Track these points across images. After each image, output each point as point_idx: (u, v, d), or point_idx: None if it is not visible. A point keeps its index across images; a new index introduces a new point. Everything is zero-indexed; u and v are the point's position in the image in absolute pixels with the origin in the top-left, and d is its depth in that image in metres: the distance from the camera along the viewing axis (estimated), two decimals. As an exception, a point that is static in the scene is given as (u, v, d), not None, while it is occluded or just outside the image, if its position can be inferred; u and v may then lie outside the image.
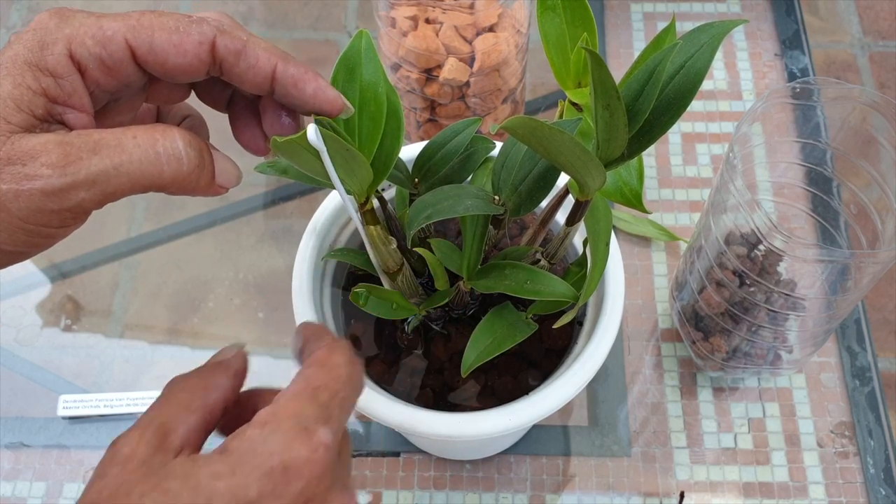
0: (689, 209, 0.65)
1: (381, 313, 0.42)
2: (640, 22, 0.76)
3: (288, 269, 0.63)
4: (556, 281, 0.38)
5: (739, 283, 0.49)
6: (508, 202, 0.40)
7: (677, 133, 0.69)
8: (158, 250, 0.65)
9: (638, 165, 0.60)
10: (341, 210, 0.47)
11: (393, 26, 0.57)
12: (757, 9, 0.76)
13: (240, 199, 0.67)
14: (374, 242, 0.40)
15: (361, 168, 0.34)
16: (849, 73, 0.72)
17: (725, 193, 0.45)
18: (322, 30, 0.77)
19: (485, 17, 0.55)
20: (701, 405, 0.57)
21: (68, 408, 0.58)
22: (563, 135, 0.30)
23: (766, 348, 0.52)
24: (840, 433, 0.56)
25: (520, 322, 0.41)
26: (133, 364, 0.60)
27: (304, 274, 0.44)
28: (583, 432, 0.56)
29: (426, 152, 0.43)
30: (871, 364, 0.58)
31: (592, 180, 0.33)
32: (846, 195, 0.50)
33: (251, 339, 0.61)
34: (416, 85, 0.58)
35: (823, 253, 0.41)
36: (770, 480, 0.54)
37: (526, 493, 0.54)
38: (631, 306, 0.61)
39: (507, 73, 0.59)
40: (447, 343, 0.45)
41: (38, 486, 0.56)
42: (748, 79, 0.72)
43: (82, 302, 0.63)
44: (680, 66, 0.32)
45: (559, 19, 0.45)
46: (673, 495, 0.54)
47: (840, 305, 0.47)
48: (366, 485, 0.55)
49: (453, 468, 0.55)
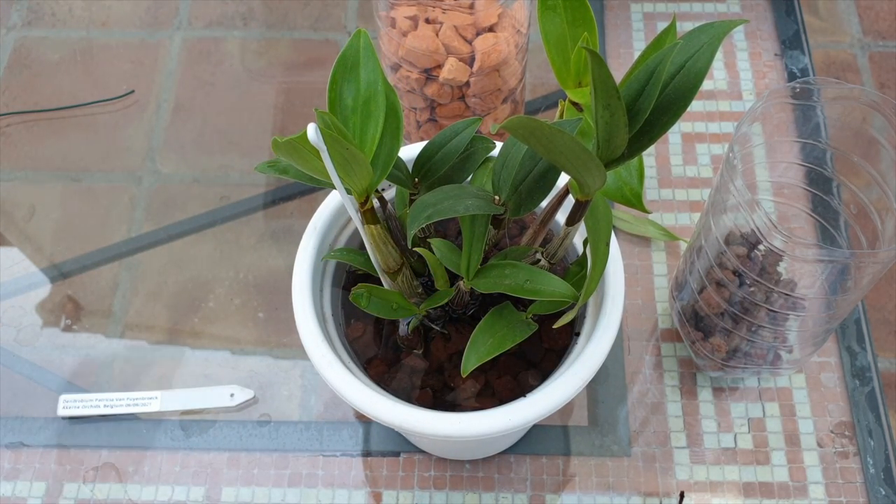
0: (689, 209, 0.65)
1: (381, 313, 0.42)
2: (640, 22, 0.76)
3: (288, 269, 0.64)
4: (557, 281, 0.38)
5: (739, 283, 0.49)
6: (508, 202, 0.40)
7: (677, 133, 0.69)
8: (158, 250, 0.65)
9: (638, 165, 0.60)
10: (341, 210, 0.47)
11: (393, 26, 0.57)
12: (757, 9, 0.76)
13: (240, 199, 0.67)
14: (374, 242, 0.40)
15: (361, 167, 0.34)
16: (849, 73, 0.72)
17: (725, 193, 0.45)
18: (322, 30, 0.77)
19: (485, 17, 0.55)
20: (701, 405, 0.57)
21: (68, 407, 0.58)
22: (564, 134, 0.30)
23: (766, 348, 0.52)
24: (840, 433, 0.56)
25: (520, 322, 0.41)
26: (133, 364, 0.60)
27: (304, 274, 0.44)
28: (583, 432, 0.56)
29: (426, 152, 0.43)
30: (871, 364, 0.58)
31: (593, 180, 0.33)
32: (846, 195, 0.50)
33: (251, 339, 0.61)
34: (416, 85, 0.58)
35: (823, 253, 0.41)
36: (770, 480, 0.54)
37: (526, 493, 0.54)
38: (631, 306, 0.61)
39: (507, 73, 0.59)
40: (447, 343, 0.45)
41: (38, 486, 0.56)
42: (748, 79, 0.72)
43: (82, 302, 0.63)
44: (680, 66, 0.32)
45: (560, 19, 0.45)
46: (673, 495, 0.54)
47: (840, 305, 0.47)
48: (366, 485, 0.55)
49: (453, 468, 0.55)
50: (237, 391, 0.58)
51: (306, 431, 0.57)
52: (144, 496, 0.55)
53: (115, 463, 0.56)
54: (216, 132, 0.71)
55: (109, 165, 0.70)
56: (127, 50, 0.76)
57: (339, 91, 0.38)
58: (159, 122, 0.72)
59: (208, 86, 0.73)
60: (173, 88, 0.73)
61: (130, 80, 0.74)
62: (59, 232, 0.67)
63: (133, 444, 0.57)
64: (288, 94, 0.73)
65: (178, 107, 0.72)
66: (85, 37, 0.77)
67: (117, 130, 0.71)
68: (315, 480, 0.55)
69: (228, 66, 0.75)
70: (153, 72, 0.75)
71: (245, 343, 0.61)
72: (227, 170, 0.69)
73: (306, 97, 0.73)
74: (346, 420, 0.58)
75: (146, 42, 0.77)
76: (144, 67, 0.75)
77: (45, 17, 0.79)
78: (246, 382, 0.59)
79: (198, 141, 0.70)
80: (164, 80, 0.74)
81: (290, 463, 0.56)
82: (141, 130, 0.71)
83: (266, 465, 0.56)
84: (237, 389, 0.58)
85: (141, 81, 0.74)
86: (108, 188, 0.69)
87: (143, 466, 0.56)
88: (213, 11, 0.78)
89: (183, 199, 0.68)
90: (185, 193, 0.68)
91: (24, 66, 0.75)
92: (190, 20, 0.78)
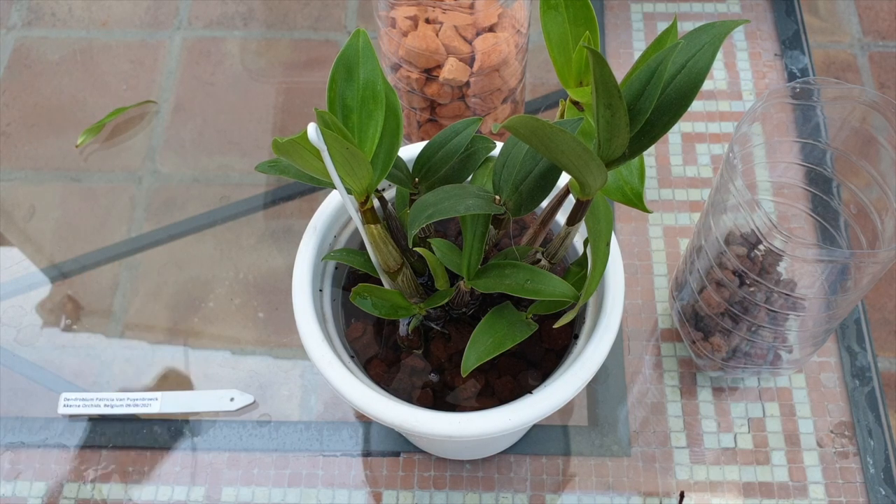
0: (689, 209, 0.65)
1: (381, 313, 0.42)
2: (640, 22, 0.76)
3: (288, 269, 0.64)
4: (557, 281, 0.38)
5: (739, 283, 0.49)
6: (509, 202, 0.40)
7: (677, 133, 0.69)
8: (158, 250, 0.65)
9: (639, 165, 0.60)
10: (341, 210, 0.47)
11: (393, 26, 0.57)
12: (757, 9, 0.76)
13: (240, 199, 0.67)
14: (375, 242, 0.40)
15: (361, 167, 0.34)
16: (849, 73, 0.72)
17: (725, 193, 0.45)
18: (322, 30, 0.77)
19: (485, 17, 0.55)
20: (701, 405, 0.57)
21: (69, 406, 0.58)
22: (565, 134, 0.30)
23: (765, 348, 0.52)
24: (840, 433, 0.56)
25: (520, 322, 0.41)
26: (133, 364, 0.60)
27: (304, 274, 0.44)
28: (583, 432, 0.56)
29: (426, 152, 0.43)
30: (871, 364, 0.58)
31: (594, 180, 0.33)
32: (846, 195, 0.50)
33: (251, 339, 0.61)
34: (416, 85, 0.58)
35: (823, 253, 0.41)
36: (770, 480, 0.54)
37: (526, 493, 0.54)
38: (631, 306, 0.61)
39: (507, 73, 0.59)
40: (447, 343, 0.45)
41: (38, 486, 0.56)
42: (748, 79, 0.72)
43: (82, 302, 0.63)
44: (681, 66, 0.32)
45: (561, 18, 0.45)
46: (673, 495, 0.54)
47: (840, 305, 0.47)
48: (366, 485, 0.55)
49: (453, 468, 0.55)
50: (237, 395, 0.58)
51: (306, 431, 0.57)
52: (144, 496, 0.55)
53: (115, 463, 0.56)
54: (216, 132, 0.71)
55: (109, 165, 0.70)
56: (127, 50, 0.76)
57: (339, 91, 0.38)
58: (159, 122, 0.72)
59: (208, 86, 0.73)
60: (173, 88, 0.73)
61: (130, 80, 0.74)
62: (59, 232, 0.67)
63: (133, 444, 0.57)
64: (288, 94, 0.73)
65: (178, 107, 0.72)
66: (85, 37, 0.77)
67: (118, 130, 0.71)
68: (315, 480, 0.55)
69: (228, 66, 0.75)
70: (153, 72, 0.75)
71: (245, 343, 0.61)
72: (227, 170, 0.69)
73: (306, 97, 0.73)
74: (346, 420, 0.58)
75: (146, 42, 0.77)
76: (144, 67, 0.75)
77: (45, 17, 0.79)
78: (246, 382, 0.59)
79: (198, 141, 0.70)
80: (164, 80, 0.74)
81: (290, 463, 0.56)
82: (141, 130, 0.71)
83: (266, 465, 0.56)
84: (237, 393, 0.58)
85: (141, 81, 0.74)
86: (108, 188, 0.69)
87: (143, 466, 0.56)
88: (213, 11, 0.78)
89: (183, 199, 0.68)
90: (185, 193, 0.68)
91: (24, 66, 0.75)
92: (190, 20, 0.78)
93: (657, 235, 0.64)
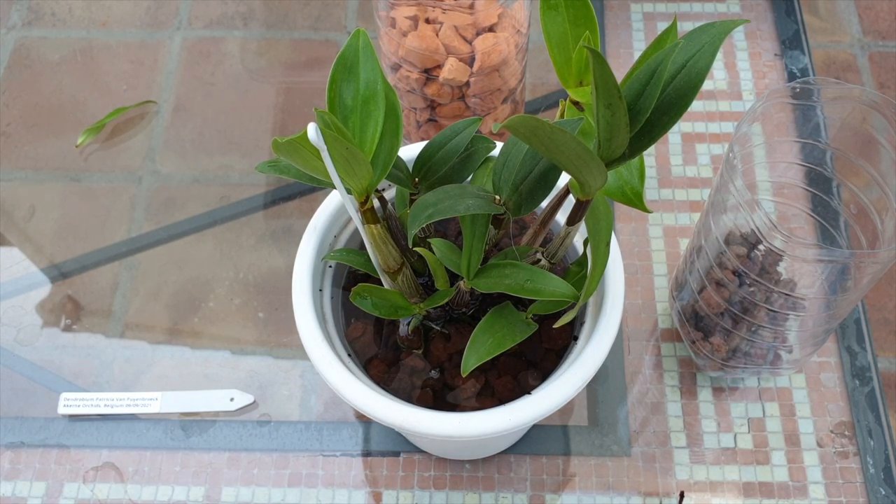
0: (689, 209, 0.65)
1: (381, 313, 0.42)
2: (640, 22, 0.76)
3: (288, 269, 0.64)
4: (557, 281, 0.38)
5: (739, 283, 0.49)
6: (509, 202, 0.40)
7: (677, 133, 0.69)
8: (158, 250, 0.65)
9: (639, 165, 0.60)
10: (341, 210, 0.47)
11: (393, 26, 0.57)
12: (757, 9, 0.76)
13: (240, 199, 0.67)
14: (375, 242, 0.40)
15: (361, 166, 0.34)
16: (849, 73, 0.72)
17: (725, 193, 0.45)
18: (322, 30, 0.77)
19: (485, 17, 0.55)
20: (701, 405, 0.57)
21: (69, 405, 0.58)
22: (565, 134, 0.30)
23: (765, 348, 0.52)
24: (840, 433, 0.56)
25: (520, 322, 0.41)
26: (133, 364, 0.60)
27: (304, 274, 0.44)
28: (583, 432, 0.56)
29: (426, 152, 0.43)
30: (871, 364, 0.58)
31: (594, 180, 0.33)
32: (846, 195, 0.50)
33: (251, 339, 0.61)
34: (416, 85, 0.58)
35: (823, 253, 0.41)
36: (770, 480, 0.54)
37: (526, 493, 0.54)
38: (631, 306, 0.61)
39: (507, 73, 0.59)
40: (447, 343, 0.45)
41: (38, 486, 0.56)
42: (748, 79, 0.72)
43: (82, 302, 0.63)
44: (681, 66, 0.32)
45: (561, 18, 0.45)
46: (673, 495, 0.54)
47: (840, 305, 0.47)
48: (366, 485, 0.55)
49: (453, 468, 0.55)
50: (237, 395, 0.58)
51: (306, 431, 0.57)
52: (144, 496, 0.55)
53: (115, 463, 0.56)
54: (216, 132, 0.71)
55: (109, 165, 0.70)
56: (127, 50, 0.76)
57: (339, 91, 0.38)
58: (159, 122, 0.72)
59: (208, 86, 0.73)
60: (173, 88, 0.73)
61: (130, 80, 0.74)
62: (59, 232, 0.67)
63: (133, 443, 0.57)
64: (288, 94, 0.73)
65: (178, 107, 0.72)
66: (85, 37, 0.77)
67: (118, 130, 0.71)
68: (315, 480, 0.55)
69: (228, 66, 0.75)
70: (153, 72, 0.75)
71: (245, 343, 0.61)
72: (227, 170, 0.69)
73: (306, 97, 0.73)
74: (346, 420, 0.58)
75: (146, 42, 0.77)
76: (144, 67, 0.75)
77: (45, 17, 0.79)
78: (246, 382, 0.59)
79: (198, 141, 0.70)
80: (164, 80, 0.74)
81: (290, 463, 0.56)
82: (141, 130, 0.71)
83: (266, 465, 0.56)
84: (237, 393, 0.58)
85: (141, 81, 0.74)
86: (108, 188, 0.69)
87: (143, 466, 0.56)
88: (213, 11, 0.78)
89: (183, 199, 0.68)
90: (185, 193, 0.68)
91: (24, 66, 0.75)
92: (190, 20, 0.78)
93: (657, 235, 0.64)
